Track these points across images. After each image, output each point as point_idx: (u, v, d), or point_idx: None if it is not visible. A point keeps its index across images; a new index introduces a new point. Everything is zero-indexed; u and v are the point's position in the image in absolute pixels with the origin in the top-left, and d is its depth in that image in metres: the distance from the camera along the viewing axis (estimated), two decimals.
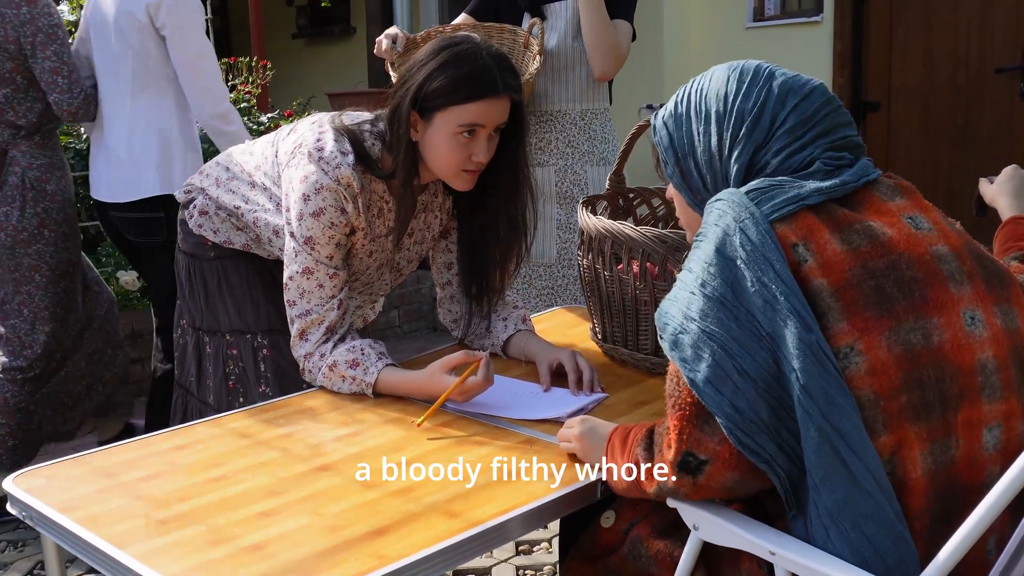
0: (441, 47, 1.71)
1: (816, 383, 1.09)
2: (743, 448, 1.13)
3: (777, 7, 5.73)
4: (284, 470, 1.44)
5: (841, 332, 1.11)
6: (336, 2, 8.21)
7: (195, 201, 2.01)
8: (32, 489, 1.38)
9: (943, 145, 5.32)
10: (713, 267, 1.16)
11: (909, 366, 1.11)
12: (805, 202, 1.18)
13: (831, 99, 1.27)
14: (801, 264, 1.14)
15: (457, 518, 1.28)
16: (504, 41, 2.82)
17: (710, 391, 1.13)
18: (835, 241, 1.15)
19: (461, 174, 1.75)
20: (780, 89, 1.26)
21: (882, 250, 1.15)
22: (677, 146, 1.32)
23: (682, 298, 1.18)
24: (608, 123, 2.94)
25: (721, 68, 1.32)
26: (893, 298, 1.13)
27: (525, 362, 1.92)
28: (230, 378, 2.01)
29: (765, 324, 1.12)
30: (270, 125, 4.59)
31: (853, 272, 1.13)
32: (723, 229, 1.17)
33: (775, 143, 1.24)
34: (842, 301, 1.12)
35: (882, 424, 1.10)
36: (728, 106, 1.26)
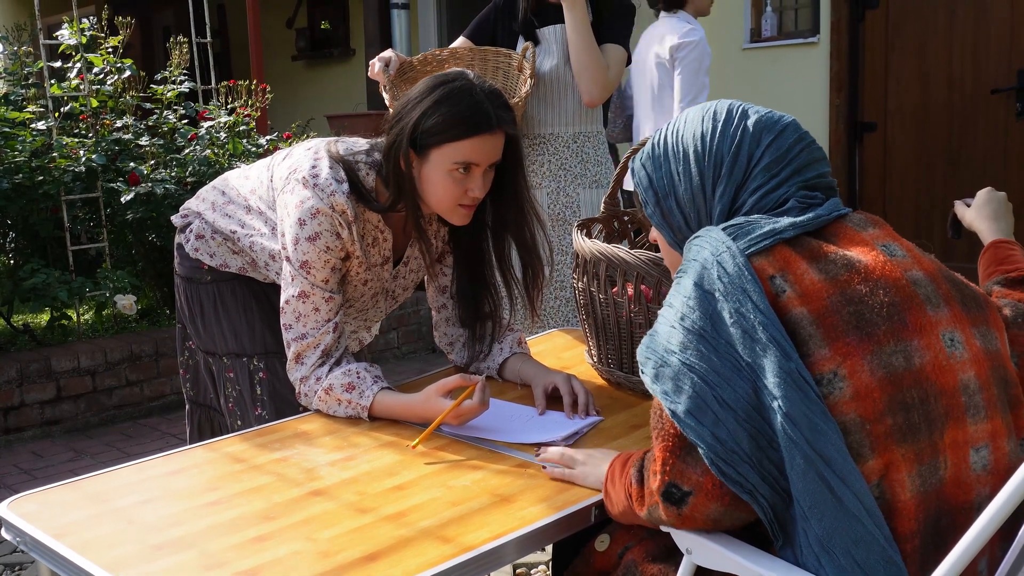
0: (435, 84, 1.72)
1: (799, 410, 1.09)
2: (725, 478, 1.13)
3: (774, 28, 5.77)
4: (278, 495, 1.44)
5: (824, 358, 1.12)
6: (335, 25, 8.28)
7: (191, 225, 2.02)
8: (26, 514, 1.38)
9: (938, 166, 5.34)
10: (692, 300, 1.17)
11: (893, 389, 1.12)
12: (781, 236, 1.20)
13: (804, 135, 1.30)
14: (779, 295, 1.16)
15: (450, 543, 1.28)
16: (500, 64, 2.84)
17: (691, 422, 1.13)
18: (812, 271, 1.17)
19: (457, 209, 1.76)
20: (755, 127, 1.28)
21: (859, 277, 1.17)
22: (657, 187, 1.34)
23: (663, 332, 1.20)
24: (601, 145, 2.96)
25: (694, 110, 1.35)
26: (873, 322, 1.14)
27: (520, 385, 1.92)
28: (229, 400, 2.02)
29: (745, 354, 1.13)
30: (269, 147, 4.62)
31: (832, 299, 1.14)
32: (701, 263, 1.19)
33: (752, 181, 1.27)
34: (823, 328, 1.13)
35: (869, 448, 1.11)
36: (706, 145, 1.29)
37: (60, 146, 4.10)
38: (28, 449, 3.74)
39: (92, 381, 4.00)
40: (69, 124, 4.48)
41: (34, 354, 3.95)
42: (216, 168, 4.31)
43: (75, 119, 4.48)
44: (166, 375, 4.17)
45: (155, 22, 9.90)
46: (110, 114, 4.49)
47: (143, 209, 4.16)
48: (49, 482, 1.54)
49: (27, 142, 4.02)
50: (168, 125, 4.59)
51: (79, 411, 3.97)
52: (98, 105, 4.45)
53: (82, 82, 4.37)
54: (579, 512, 1.38)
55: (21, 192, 4.02)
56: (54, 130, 4.22)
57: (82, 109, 4.41)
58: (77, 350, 4.00)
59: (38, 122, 4.23)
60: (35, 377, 3.85)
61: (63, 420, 3.92)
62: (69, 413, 3.94)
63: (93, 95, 4.40)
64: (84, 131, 4.42)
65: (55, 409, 3.90)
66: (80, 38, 4.37)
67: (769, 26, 5.77)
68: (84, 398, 3.97)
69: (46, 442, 3.82)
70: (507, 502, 1.40)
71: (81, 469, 3.46)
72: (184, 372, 2.14)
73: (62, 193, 4.14)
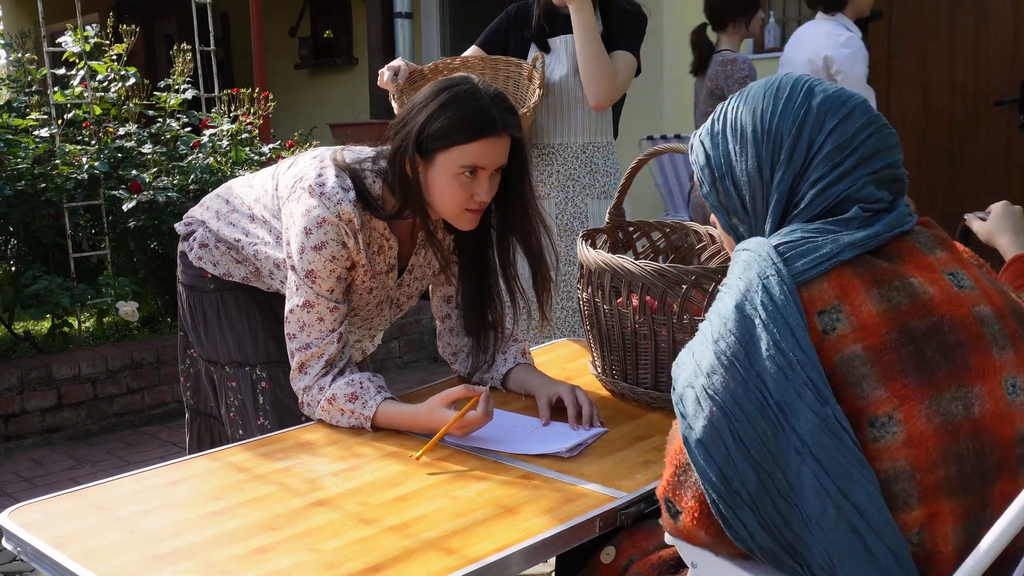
0: (440, 89, 1.72)
1: (832, 459, 1.02)
2: (722, 521, 1.08)
3: (776, 39, 5.77)
4: (281, 505, 1.43)
5: (878, 400, 1.04)
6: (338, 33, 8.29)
7: (195, 233, 2.02)
8: (27, 524, 1.37)
9: (939, 175, 5.34)
10: (730, 323, 1.09)
11: (948, 439, 1.04)
12: (839, 258, 1.10)
13: (873, 118, 1.18)
14: (828, 332, 1.07)
15: (454, 554, 1.27)
16: (510, 74, 2.84)
17: (701, 453, 1.08)
18: (872, 300, 1.08)
19: (464, 213, 1.76)
20: (819, 108, 1.17)
21: (923, 310, 1.08)
22: (714, 165, 1.25)
23: (697, 350, 1.13)
24: (611, 156, 2.96)
25: (759, 83, 1.24)
26: (934, 364, 1.05)
27: (524, 396, 1.91)
28: (231, 410, 2.01)
29: (775, 392, 1.05)
30: (272, 155, 4.61)
31: (891, 335, 1.06)
32: (746, 284, 1.10)
33: (813, 171, 1.17)
34: (878, 367, 1.05)
35: (916, 498, 1.04)
36: (765, 124, 1.19)
37: (63, 153, 4.10)
38: (28, 457, 3.73)
39: (93, 389, 3.99)
40: (72, 131, 4.48)
41: (35, 361, 3.94)
42: (219, 176, 4.31)
43: (78, 126, 4.48)
44: (167, 383, 4.16)
45: (158, 30, 9.93)
46: (113, 122, 4.50)
47: (145, 217, 4.16)
48: (49, 490, 1.53)
49: (30, 149, 4.02)
50: (171, 133, 4.59)
51: (80, 419, 3.96)
52: (101, 113, 4.46)
53: (85, 89, 4.38)
54: (584, 524, 1.37)
55: (23, 199, 4.02)
56: (57, 137, 4.22)
57: (85, 116, 4.42)
58: (78, 357, 3.99)
59: (41, 129, 4.23)
60: (36, 384, 3.84)
61: (64, 428, 3.91)
62: (70, 421, 3.93)
63: (96, 103, 4.40)
64: (87, 138, 4.43)
65: (56, 417, 3.89)
66: (84, 45, 4.38)
67: (772, 37, 5.77)
68: (85, 406, 3.97)
69: (46, 450, 3.81)
70: (511, 513, 1.40)
71: (82, 477, 3.45)
72: (185, 380, 2.14)
73: (64, 200, 4.14)
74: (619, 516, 1.41)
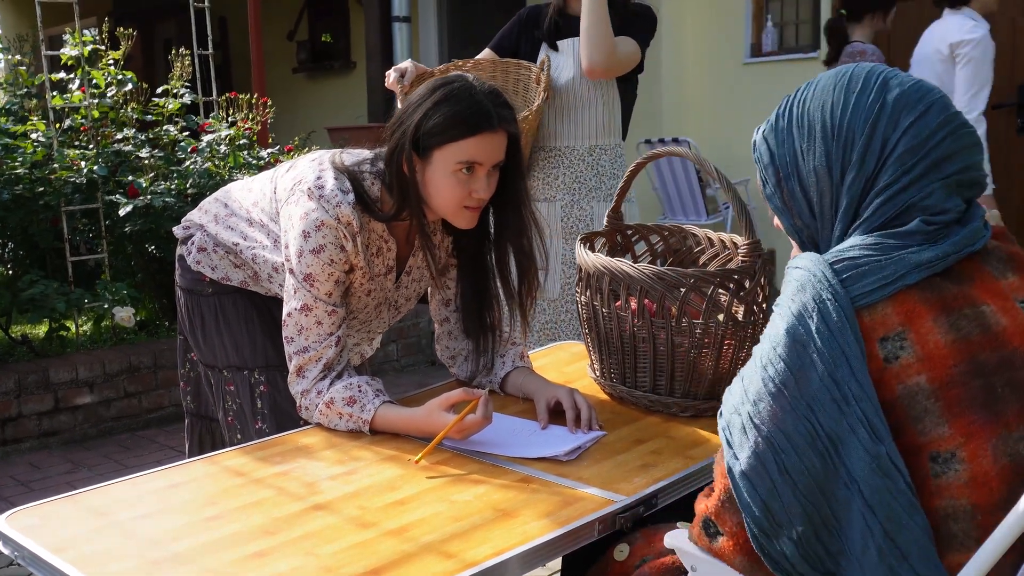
0: (435, 87, 1.73)
1: (881, 500, 0.98)
2: (762, 554, 1.04)
3: (774, 43, 5.79)
4: (279, 509, 1.42)
5: (942, 436, 0.99)
6: (336, 37, 8.30)
7: (193, 237, 2.02)
8: (24, 528, 1.37)
9: None
10: (780, 348, 1.03)
11: (1014, 480, 0.99)
12: (904, 282, 1.02)
13: (951, 117, 1.09)
14: (891, 361, 1.01)
15: (453, 559, 1.27)
16: (520, 77, 2.86)
17: (745, 485, 1.03)
18: (940, 328, 1.01)
19: (463, 211, 1.76)
20: (895, 104, 1.09)
21: (995, 343, 1.01)
22: (779, 164, 1.16)
23: (747, 375, 1.07)
24: (619, 159, 2.96)
25: (828, 75, 1.16)
26: (1004, 400, 1.00)
27: (523, 399, 1.91)
28: (228, 414, 2.01)
29: (826, 423, 1.00)
30: (270, 160, 4.61)
31: (959, 368, 1.00)
32: (799, 307, 1.03)
33: (883, 175, 1.08)
34: (943, 401, 0.99)
35: (975, 540, 0.99)
36: (835, 120, 1.11)
37: (61, 157, 4.10)
38: (26, 461, 3.72)
39: (90, 393, 3.98)
40: (70, 136, 4.48)
41: (32, 365, 3.93)
42: (217, 180, 4.30)
43: (76, 131, 4.48)
44: (165, 387, 4.16)
45: (157, 33, 9.93)
46: (111, 126, 4.49)
47: (141, 221, 4.15)
48: (47, 494, 1.53)
49: (28, 153, 4.02)
50: (169, 137, 4.59)
51: (77, 423, 3.95)
52: (99, 116, 4.45)
53: (83, 94, 4.37)
54: (582, 527, 1.37)
55: (21, 203, 4.01)
56: (55, 141, 4.22)
57: (83, 121, 4.41)
58: (75, 361, 3.99)
59: (38, 133, 4.22)
60: (33, 388, 3.84)
61: (61, 432, 3.91)
62: (67, 425, 3.92)
63: (94, 107, 4.40)
64: (85, 142, 4.42)
65: (53, 421, 3.89)
66: (82, 50, 4.38)
67: (770, 41, 5.78)
68: (82, 410, 3.96)
69: (44, 453, 3.80)
70: (509, 517, 1.39)
71: (79, 481, 3.44)
72: (185, 385, 2.13)
73: (62, 204, 4.13)
74: (618, 520, 1.40)
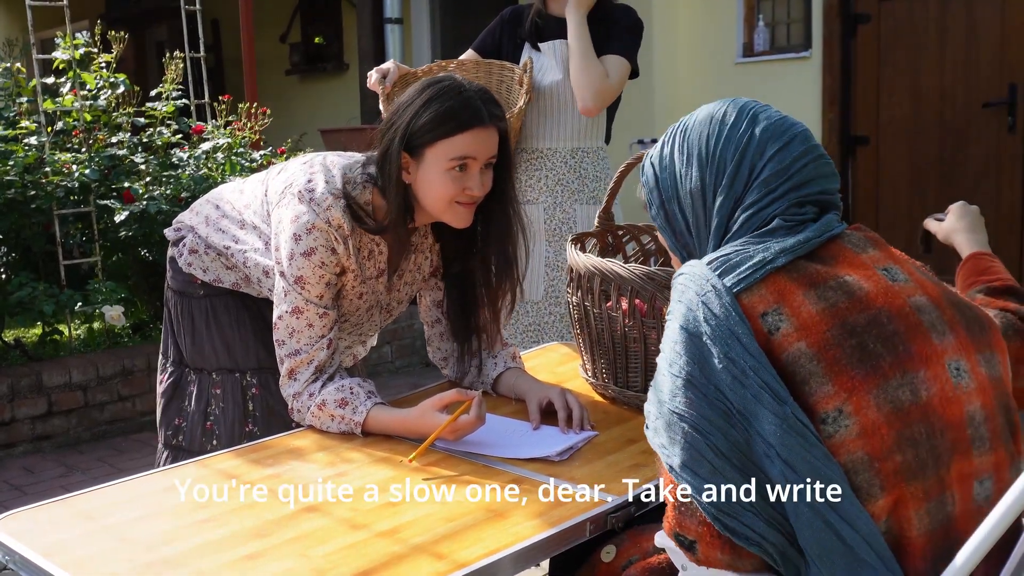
0: (424, 86, 1.74)
1: (798, 456, 1.04)
2: (729, 532, 1.08)
3: (766, 43, 5.79)
4: (271, 512, 1.43)
5: (827, 395, 1.07)
6: (329, 40, 8.29)
7: (185, 239, 2.02)
8: (16, 532, 1.37)
9: (931, 180, 5.36)
10: (679, 345, 1.12)
11: (900, 424, 1.06)
12: (772, 265, 1.13)
13: (812, 148, 1.22)
14: (773, 333, 1.10)
15: (444, 559, 1.27)
16: (504, 78, 2.86)
17: (688, 475, 1.08)
18: (810, 300, 1.11)
19: (456, 207, 1.76)
20: (761, 135, 1.21)
21: (860, 305, 1.11)
22: (662, 187, 1.29)
23: (657, 381, 1.15)
24: (602, 162, 2.96)
25: (707, 108, 1.28)
26: (877, 354, 1.08)
27: (515, 400, 1.91)
28: (208, 418, 1.99)
29: (735, 401, 1.07)
30: (263, 162, 4.61)
31: (832, 331, 1.09)
32: (686, 305, 1.13)
33: (749, 196, 1.21)
34: (824, 362, 1.08)
35: (879, 487, 1.05)
36: (710, 150, 1.23)
37: (53, 161, 4.09)
38: (19, 464, 3.71)
39: (84, 396, 3.98)
40: (62, 139, 4.47)
41: (25, 369, 3.93)
42: (210, 183, 4.30)
43: (68, 134, 4.47)
44: None
45: (149, 36, 9.91)
46: (103, 129, 4.48)
47: (136, 227, 4.15)
48: (40, 498, 1.53)
49: (19, 157, 4.01)
50: (162, 140, 4.58)
51: (70, 426, 3.95)
52: (91, 120, 4.44)
53: (75, 97, 4.37)
54: (574, 527, 1.38)
55: (13, 207, 4.00)
56: (47, 145, 4.21)
57: (75, 124, 4.40)
58: (69, 365, 3.98)
59: (30, 137, 4.22)
60: (26, 392, 3.83)
61: (54, 435, 3.90)
62: (60, 428, 3.92)
63: (86, 110, 4.39)
64: (77, 146, 4.42)
65: (46, 424, 3.88)
66: (73, 53, 4.37)
67: (761, 41, 5.79)
68: (76, 413, 3.95)
69: (37, 457, 3.79)
70: (501, 517, 1.40)
71: (72, 485, 3.44)
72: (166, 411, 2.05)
73: (54, 208, 4.12)
74: (609, 519, 1.41)
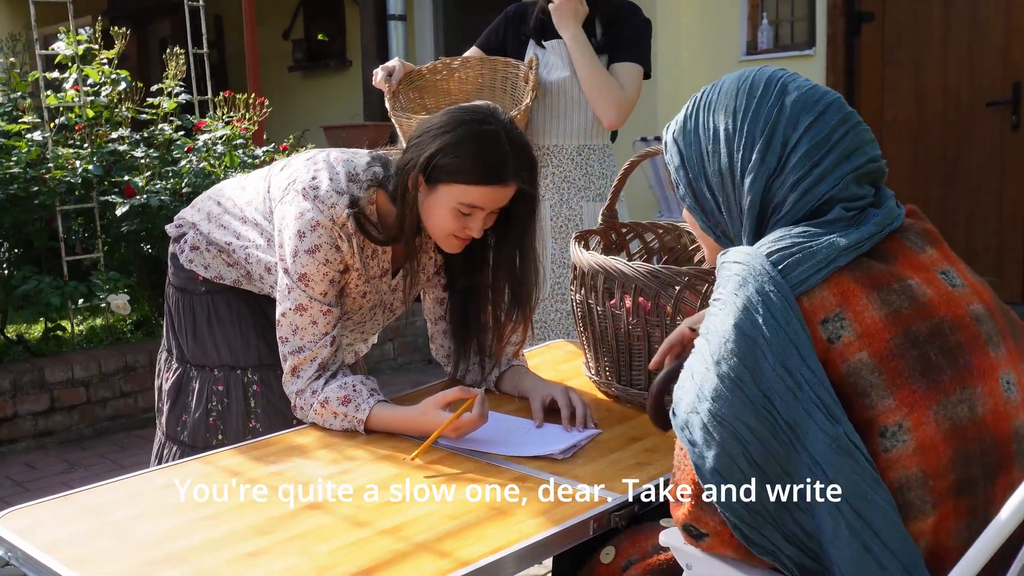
0: (464, 120, 1.68)
1: (846, 478, 1.01)
2: (748, 543, 1.07)
3: (770, 40, 5.78)
4: (273, 509, 1.42)
5: (887, 409, 1.04)
6: (332, 36, 8.28)
7: (186, 236, 2.01)
8: (18, 529, 1.37)
9: (934, 178, 5.35)
10: (731, 343, 1.06)
11: (957, 442, 1.04)
12: (836, 264, 1.08)
13: (849, 115, 1.16)
14: (834, 341, 1.06)
15: (447, 557, 1.27)
16: (508, 75, 2.85)
17: (717, 480, 1.06)
18: (873, 304, 1.06)
19: (451, 238, 1.75)
20: (793, 106, 1.15)
21: (924, 313, 1.07)
22: (688, 166, 1.23)
23: (697, 373, 1.10)
24: (608, 159, 2.95)
25: (731, 78, 1.22)
26: (939, 368, 1.05)
27: (518, 398, 1.91)
28: (211, 414, 1.98)
29: (783, 411, 1.03)
30: (265, 159, 4.60)
31: (895, 340, 1.05)
32: (744, 301, 1.07)
33: (791, 173, 1.14)
34: (886, 374, 1.04)
35: (931, 504, 1.04)
36: (737, 124, 1.17)
37: (56, 156, 4.09)
38: (21, 460, 3.71)
39: (86, 392, 3.97)
40: (64, 135, 4.47)
41: (28, 365, 3.93)
42: (212, 179, 4.30)
43: (71, 129, 4.47)
44: None
45: (152, 32, 9.90)
46: (106, 125, 4.48)
47: (137, 221, 4.15)
48: (42, 494, 1.52)
49: (22, 153, 4.01)
50: (164, 136, 4.58)
51: (73, 422, 3.94)
52: (94, 116, 4.44)
53: (78, 93, 4.36)
54: (578, 525, 1.37)
55: (16, 202, 4.00)
56: (49, 141, 4.21)
57: (77, 120, 4.40)
58: (71, 361, 3.98)
59: (33, 132, 4.22)
60: (28, 388, 3.83)
61: (57, 431, 3.90)
62: (63, 424, 3.92)
63: (89, 106, 4.39)
64: (79, 141, 4.41)
65: (48, 420, 3.88)
66: (76, 49, 4.36)
67: (765, 38, 5.78)
68: (78, 409, 3.95)
69: (39, 453, 3.79)
70: (505, 515, 1.39)
71: (74, 481, 3.44)
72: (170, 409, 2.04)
73: (57, 204, 4.12)
74: (613, 518, 1.40)
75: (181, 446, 1.99)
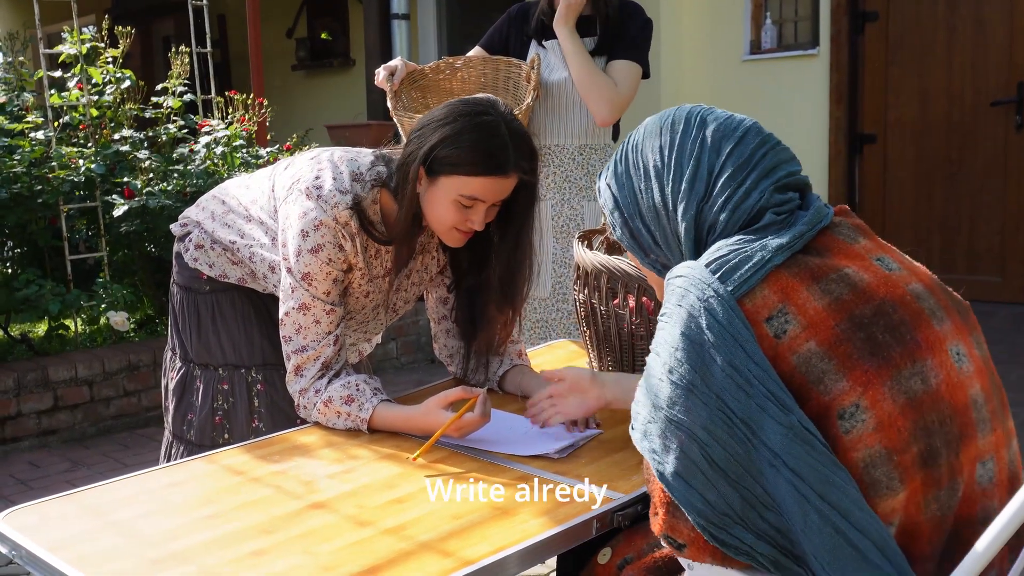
0: (463, 112, 1.69)
1: (807, 465, 1.04)
2: (718, 543, 1.08)
3: (773, 40, 5.78)
4: (277, 508, 1.43)
5: (843, 392, 1.06)
6: (335, 35, 8.29)
7: (191, 234, 2.01)
8: (22, 527, 1.37)
9: (938, 178, 5.35)
10: (679, 351, 1.10)
11: (915, 415, 1.07)
12: (771, 263, 1.12)
13: (767, 137, 1.23)
14: (780, 336, 1.09)
15: (451, 557, 1.27)
16: (510, 74, 2.85)
17: (679, 484, 1.08)
18: (815, 295, 1.10)
19: (453, 231, 1.75)
20: (713, 136, 1.22)
21: (864, 297, 1.11)
22: (622, 206, 1.29)
23: (651, 385, 1.13)
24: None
25: (652, 120, 1.30)
26: (887, 345, 1.08)
27: (521, 397, 1.91)
28: (217, 413, 1.99)
29: (738, 410, 1.06)
30: (268, 159, 4.61)
31: (841, 326, 1.08)
32: (687, 311, 1.11)
33: (719, 195, 1.20)
34: (836, 359, 1.07)
35: (898, 480, 1.06)
36: (664, 159, 1.24)
37: (59, 155, 4.10)
38: (25, 459, 3.72)
39: (89, 391, 3.98)
40: (68, 134, 4.47)
41: (31, 363, 3.93)
42: (216, 179, 4.30)
43: (74, 129, 4.48)
44: None
45: (155, 31, 9.91)
46: (109, 124, 4.49)
47: (138, 222, 4.15)
48: (46, 493, 1.53)
49: (26, 152, 4.01)
50: (168, 135, 4.58)
51: (76, 421, 3.95)
52: (97, 115, 4.45)
53: (82, 92, 4.37)
54: (580, 525, 1.37)
55: (19, 201, 4.01)
56: (53, 140, 4.22)
57: (81, 119, 4.41)
58: (75, 360, 3.99)
59: (37, 132, 4.22)
60: (32, 387, 3.84)
61: (60, 430, 3.91)
62: (66, 423, 3.93)
63: (92, 105, 4.40)
64: (83, 140, 4.42)
65: (52, 419, 3.89)
66: (80, 48, 4.37)
67: (769, 38, 5.78)
68: (81, 408, 3.96)
69: (43, 452, 3.80)
70: (508, 515, 1.39)
71: (78, 479, 3.44)
72: (171, 398, 2.06)
73: (60, 203, 4.13)
74: (615, 517, 1.40)
75: (188, 445, 1.99)
